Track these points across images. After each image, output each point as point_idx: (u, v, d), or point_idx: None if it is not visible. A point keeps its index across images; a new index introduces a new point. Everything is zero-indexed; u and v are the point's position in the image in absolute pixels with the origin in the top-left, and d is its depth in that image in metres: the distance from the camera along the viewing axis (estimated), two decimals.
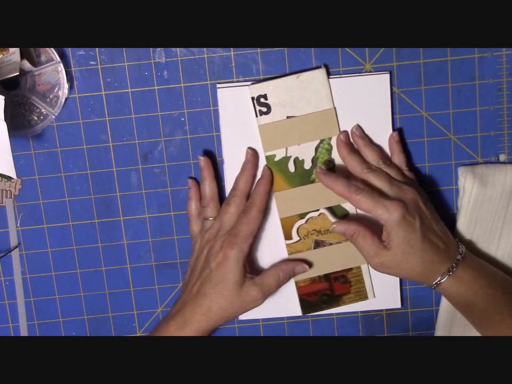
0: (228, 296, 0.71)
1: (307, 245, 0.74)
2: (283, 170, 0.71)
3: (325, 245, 0.74)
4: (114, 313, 0.81)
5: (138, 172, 0.78)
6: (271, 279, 0.72)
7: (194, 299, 0.72)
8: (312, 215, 0.73)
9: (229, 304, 0.71)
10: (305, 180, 0.72)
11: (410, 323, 0.81)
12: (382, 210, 0.68)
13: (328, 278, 0.76)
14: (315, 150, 0.71)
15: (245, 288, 0.71)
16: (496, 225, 0.78)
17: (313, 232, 0.74)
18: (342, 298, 0.77)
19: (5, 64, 0.70)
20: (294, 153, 0.71)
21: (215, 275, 0.71)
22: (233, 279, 0.71)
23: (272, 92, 0.68)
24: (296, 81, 0.68)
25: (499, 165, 0.77)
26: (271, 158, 0.70)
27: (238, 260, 0.71)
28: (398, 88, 0.76)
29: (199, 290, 0.72)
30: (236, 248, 0.71)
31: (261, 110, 0.69)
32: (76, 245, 0.79)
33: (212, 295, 0.71)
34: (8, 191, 0.78)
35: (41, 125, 0.75)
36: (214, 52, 0.75)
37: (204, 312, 0.71)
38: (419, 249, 0.69)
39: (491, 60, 0.75)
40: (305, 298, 0.76)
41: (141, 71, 0.76)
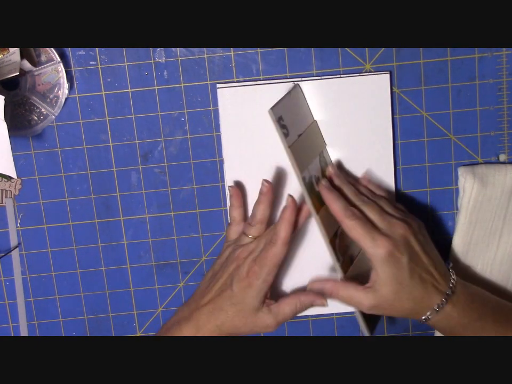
0: (243, 317, 0.71)
1: (347, 263, 0.72)
2: (313, 190, 0.69)
3: (354, 258, 0.73)
4: (114, 313, 0.81)
5: (138, 172, 0.78)
6: (287, 308, 0.72)
7: (211, 310, 0.72)
8: (339, 230, 0.71)
9: (242, 325, 0.71)
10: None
11: (410, 323, 0.81)
12: (371, 244, 0.67)
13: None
14: (320, 165, 0.70)
15: (260, 314, 0.71)
16: (496, 225, 0.78)
17: (344, 248, 0.71)
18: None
19: (5, 64, 0.70)
20: (312, 171, 0.69)
21: (235, 296, 0.71)
22: (251, 304, 0.71)
23: (284, 112, 0.66)
24: (290, 98, 0.68)
25: (499, 165, 0.77)
26: (303, 181, 0.68)
27: (261, 290, 0.70)
28: (398, 88, 0.76)
29: (217, 303, 0.72)
30: (261, 279, 0.70)
31: (284, 132, 0.67)
32: (76, 245, 0.79)
33: (228, 312, 0.71)
34: (8, 191, 0.78)
35: (41, 125, 0.75)
36: (214, 52, 0.75)
37: (218, 324, 0.71)
38: (408, 286, 0.67)
39: (491, 60, 0.75)
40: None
41: (141, 71, 0.76)
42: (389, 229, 0.68)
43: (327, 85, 0.75)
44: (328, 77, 0.75)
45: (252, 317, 0.71)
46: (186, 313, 0.73)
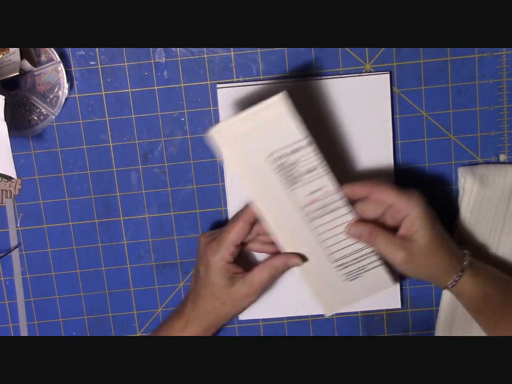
0: (218, 297, 0.72)
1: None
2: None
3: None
4: (114, 313, 0.81)
5: (138, 172, 0.78)
6: (261, 274, 0.72)
7: (193, 300, 0.74)
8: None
9: (221, 305, 0.72)
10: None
11: (410, 323, 0.81)
12: (407, 199, 0.68)
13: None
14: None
15: (235, 288, 0.71)
16: (496, 225, 0.78)
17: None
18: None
19: (5, 64, 0.70)
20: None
21: (203, 279, 0.72)
22: (219, 283, 0.71)
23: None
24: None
25: (499, 165, 0.77)
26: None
27: (220, 267, 0.71)
28: (398, 88, 0.76)
29: (195, 291, 0.74)
30: (217, 255, 0.71)
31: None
32: (76, 245, 0.79)
33: (204, 297, 0.72)
34: (8, 191, 0.78)
35: (41, 125, 0.75)
36: (214, 52, 0.75)
37: (201, 313, 0.73)
38: (443, 239, 0.69)
39: (491, 60, 0.75)
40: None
41: (141, 71, 0.76)
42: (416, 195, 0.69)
43: (327, 85, 0.75)
44: (328, 77, 0.75)
45: (227, 295, 0.71)
46: (178, 308, 0.75)
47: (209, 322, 0.73)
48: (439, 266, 0.69)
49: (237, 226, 0.71)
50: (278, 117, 0.66)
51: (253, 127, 0.66)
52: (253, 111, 0.66)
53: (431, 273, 0.70)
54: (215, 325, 0.74)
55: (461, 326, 0.79)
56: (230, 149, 0.67)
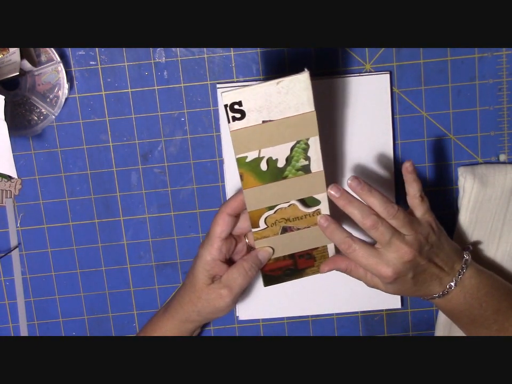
0: (196, 290, 0.73)
1: (274, 231, 0.73)
2: (254, 169, 0.69)
3: (293, 230, 0.73)
4: (114, 313, 0.81)
5: (138, 172, 0.78)
6: (235, 272, 0.72)
7: (179, 289, 0.76)
8: (281, 206, 0.71)
9: (197, 299, 0.73)
10: (278, 177, 0.70)
11: (410, 323, 0.81)
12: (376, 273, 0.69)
13: (293, 256, 0.75)
14: (290, 149, 0.70)
15: (212, 286, 0.72)
16: (496, 225, 0.78)
17: (281, 220, 0.72)
18: (305, 271, 0.76)
19: (5, 64, 0.70)
20: (268, 153, 0.69)
21: (191, 269, 0.74)
22: (199, 277, 0.72)
23: (247, 98, 0.66)
24: (276, 87, 0.67)
25: (499, 165, 0.77)
26: (242, 160, 0.68)
27: (207, 263, 0.71)
28: (398, 88, 0.76)
29: (184, 280, 0.75)
30: (204, 249, 0.72)
31: (234, 116, 0.68)
32: (76, 245, 0.79)
33: (185, 286, 0.74)
34: (8, 191, 0.78)
35: (41, 125, 0.75)
36: (214, 52, 0.75)
37: (180, 302, 0.74)
38: (412, 291, 0.71)
39: (491, 60, 0.75)
40: (268, 274, 0.76)
41: (141, 71, 0.76)
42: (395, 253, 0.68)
43: (327, 85, 0.75)
44: (328, 77, 0.75)
45: (204, 290, 0.72)
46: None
47: (184, 314, 0.74)
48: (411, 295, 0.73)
49: (219, 219, 0.71)
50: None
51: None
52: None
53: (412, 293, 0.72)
54: (188, 319, 0.74)
55: None
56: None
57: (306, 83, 0.66)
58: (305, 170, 0.69)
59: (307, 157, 0.69)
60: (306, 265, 0.76)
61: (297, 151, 0.69)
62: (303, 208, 0.71)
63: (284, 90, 0.66)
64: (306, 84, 0.66)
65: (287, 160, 0.69)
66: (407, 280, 0.69)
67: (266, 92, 0.66)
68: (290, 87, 0.66)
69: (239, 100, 0.66)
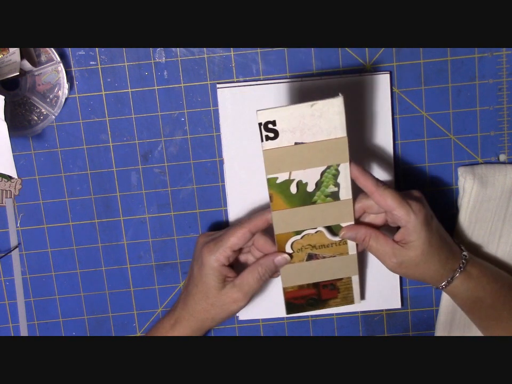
0: (208, 298, 0.72)
1: (300, 257, 0.72)
2: (284, 192, 0.69)
3: (318, 258, 0.73)
4: (114, 313, 0.81)
5: (138, 172, 0.78)
6: (250, 276, 0.71)
7: (184, 298, 0.74)
8: (308, 232, 0.71)
9: (210, 306, 0.72)
10: (306, 201, 0.70)
11: (410, 323, 0.81)
12: (406, 210, 0.67)
13: (317, 285, 0.74)
14: (321, 174, 0.69)
15: (225, 291, 0.71)
16: (496, 225, 0.78)
17: (307, 247, 0.72)
18: (328, 302, 0.75)
19: (5, 64, 0.70)
20: (298, 176, 0.69)
21: (196, 278, 0.72)
22: (210, 283, 0.71)
23: (282, 118, 0.66)
24: (310, 109, 0.67)
25: (499, 165, 0.77)
26: (273, 180, 0.68)
27: (214, 269, 0.71)
28: (398, 88, 0.76)
29: (187, 289, 0.74)
30: (213, 256, 0.71)
31: (267, 135, 0.67)
32: (76, 245, 0.79)
33: (195, 296, 0.72)
34: (8, 191, 0.78)
35: (41, 125, 0.75)
36: (214, 52, 0.75)
37: (190, 312, 0.73)
38: (437, 248, 0.69)
39: (491, 60, 0.75)
40: (291, 301, 0.75)
41: (141, 71, 0.76)
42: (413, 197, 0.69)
43: (327, 85, 0.75)
44: (328, 77, 0.75)
45: (217, 297, 0.71)
46: (172, 306, 0.76)
47: (197, 323, 0.73)
48: (430, 273, 0.70)
49: (240, 232, 0.71)
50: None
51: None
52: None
53: (422, 278, 0.71)
54: (202, 326, 0.74)
55: (460, 326, 0.79)
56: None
57: (340, 108, 0.66)
58: (334, 197, 0.70)
59: (337, 183, 0.69)
60: (330, 296, 0.75)
61: (327, 176, 0.69)
62: (330, 236, 0.71)
63: (317, 113, 0.66)
64: (340, 108, 0.66)
65: (317, 185, 0.69)
66: (433, 228, 0.68)
67: (300, 113, 0.66)
68: (324, 111, 0.66)
69: (273, 119, 0.66)
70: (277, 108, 0.66)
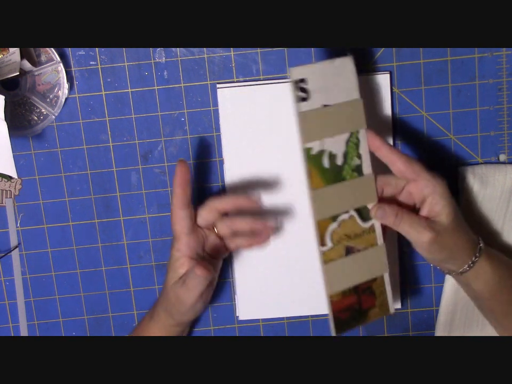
0: (166, 288, 0.72)
1: (339, 252, 0.69)
2: (319, 165, 0.66)
3: (354, 251, 0.69)
4: (114, 313, 0.81)
5: (138, 172, 0.78)
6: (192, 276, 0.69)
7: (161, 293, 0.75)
8: (343, 218, 0.68)
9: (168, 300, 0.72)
10: (338, 177, 0.67)
11: (410, 323, 0.81)
12: (432, 175, 0.68)
13: (357, 290, 0.70)
14: (345, 144, 0.67)
15: (175, 285, 0.71)
16: (496, 225, 0.78)
17: (344, 238, 0.69)
18: (368, 314, 0.72)
19: (5, 64, 0.70)
20: (329, 146, 0.66)
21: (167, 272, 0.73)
22: (168, 275, 0.72)
23: (312, 76, 0.64)
24: (331, 66, 0.65)
25: (499, 165, 0.77)
26: (309, 151, 0.65)
27: (176, 259, 0.71)
28: (398, 88, 0.76)
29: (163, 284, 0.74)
30: (172, 247, 0.72)
31: (300, 95, 0.64)
32: (76, 245, 0.79)
33: (163, 289, 0.74)
34: (8, 191, 0.78)
35: (41, 125, 0.75)
36: (214, 52, 0.75)
37: (162, 306, 0.73)
38: (461, 219, 0.69)
39: (491, 60, 0.75)
40: (338, 316, 0.70)
41: (141, 71, 0.76)
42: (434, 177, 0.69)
43: None
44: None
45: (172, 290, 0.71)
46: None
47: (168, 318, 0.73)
48: (462, 245, 0.69)
49: (173, 217, 0.71)
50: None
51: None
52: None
53: (453, 252, 0.69)
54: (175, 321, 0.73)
55: (460, 326, 0.79)
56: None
57: (352, 66, 0.65)
58: (358, 172, 0.68)
59: (359, 154, 0.68)
60: (369, 305, 0.71)
61: (351, 146, 0.67)
62: (361, 222, 0.69)
63: (337, 71, 0.65)
64: (352, 67, 0.65)
65: (344, 157, 0.67)
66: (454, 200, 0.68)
67: (325, 71, 0.64)
68: (342, 69, 0.65)
69: (305, 76, 0.64)
70: (307, 64, 0.64)
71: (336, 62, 0.65)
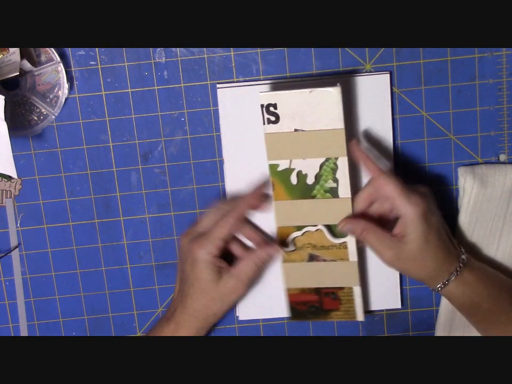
0: (207, 293, 0.72)
1: (301, 256, 0.73)
2: (285, 181, 0.70)
3: (319, 260, 0.73)
4: (114, 313, 0.81)
5: (138, 172, 0.78)
6: (246, 265, 0.72)
7: (181, 301, 0.73)
8: (309, 229, 0.72)
9: (210, 302, 0.72)
10: (306, 194, 0.71)
11: (410, 323, 0.81)
12: (405, 201, 0.68)
13: (319, 291, 0.75)
14: (320, 167, 0.69)
15: (222, 282, 0.71)
16: (496, 225, 0.78)
17: (308, 246, 0.72)
18: (330, 314, 0.76)
19: (5, 64, 0.70)
20: (298, 166, 0.69)
21: (190, 277, 0.72)
22: (206, 278, 0.71)
23: (283, 102, 0.67)
24: (309, 95, 0.67)
25: (499, 165, 0.77)
26: (275, 167, 0.69)
27: (207, 262, 0.71)
28: (398, 88, 0.76)
29: (182, 291, 0.73)
30: (204, 250, 0.71)
31: (269, 118, 0.68)
32: (76, 245, 0.79)
33: (193, 295, 0.72)
34: (8, 191, 0.78)
35: (41, 125, 0.75)
36: (214, 52, 0.75)
37: (190, 313, 0.72)
38: (434, 246, 0.69)
39: (491, 60, 0.75)
40: (294, 306, 0.76)
41: (141, 71, 0.76)
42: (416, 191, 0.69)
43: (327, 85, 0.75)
44: (328, 77, 0.75)
45: (215, 289, 0.71)
46: (168, 314, 0.75)
47: (199, 322, 0.73)
48: (426, 271, 0.70)
49: (229, 222, 0.71)
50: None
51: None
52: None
53: (419, 275, 0.71)
54: (205, 325, 0.73)
55: (461, 326, 0.79)
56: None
57: (337, 98, 0.66)
58: (333, 194, 0.70)
59: (335, 178, 0.69)
60: (332, 307, 0.75)
61: (326, 169, 0.69)
62: (330, 238, 0.72)
63: (315, 100, 0.66)
64: (337, 98, 0.66)
65: (316, 178, 0.69)
66: (433, 225, 0.68)
67: (300, 99, 0.66)
68: (321, 99, 0.66)
69: (274, 102, 0.66)
70: (278, 91, 0.66)
71: (315, 92, 0.66)
